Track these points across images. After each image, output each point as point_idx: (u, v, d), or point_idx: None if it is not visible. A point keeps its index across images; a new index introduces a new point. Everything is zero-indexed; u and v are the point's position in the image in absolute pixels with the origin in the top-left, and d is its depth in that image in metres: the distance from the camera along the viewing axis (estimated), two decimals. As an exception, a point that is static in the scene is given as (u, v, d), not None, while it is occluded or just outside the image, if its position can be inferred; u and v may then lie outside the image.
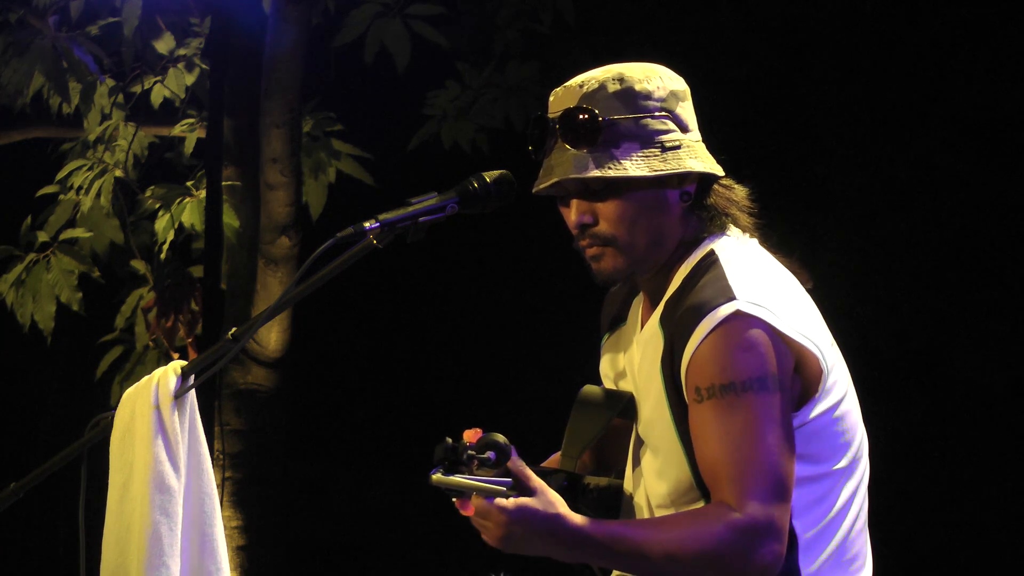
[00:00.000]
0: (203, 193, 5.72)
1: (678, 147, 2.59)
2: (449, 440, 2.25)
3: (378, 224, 2.54)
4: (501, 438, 2.26)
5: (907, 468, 7.17)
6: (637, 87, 2.60)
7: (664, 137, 2.58)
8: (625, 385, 2.72)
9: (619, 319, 2.79)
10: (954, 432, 7.36)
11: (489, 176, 2.62)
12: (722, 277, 2.53)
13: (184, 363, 2.71)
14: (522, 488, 2.33)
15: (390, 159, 6.37)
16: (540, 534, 2.33)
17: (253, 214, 5.74)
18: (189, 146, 6.11)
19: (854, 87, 7.52)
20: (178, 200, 5.86)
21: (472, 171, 2.69)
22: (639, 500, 2.65)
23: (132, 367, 6.02)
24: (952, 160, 7.43)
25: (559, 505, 2.34)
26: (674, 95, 2.62)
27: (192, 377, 2.69)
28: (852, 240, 7.50)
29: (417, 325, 8.31)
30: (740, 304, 2.47)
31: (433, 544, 8.07)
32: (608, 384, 2.79)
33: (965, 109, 7.41)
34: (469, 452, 2.24)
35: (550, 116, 2.63)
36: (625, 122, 2.57)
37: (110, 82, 6.15)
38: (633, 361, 2.67)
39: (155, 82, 6.18)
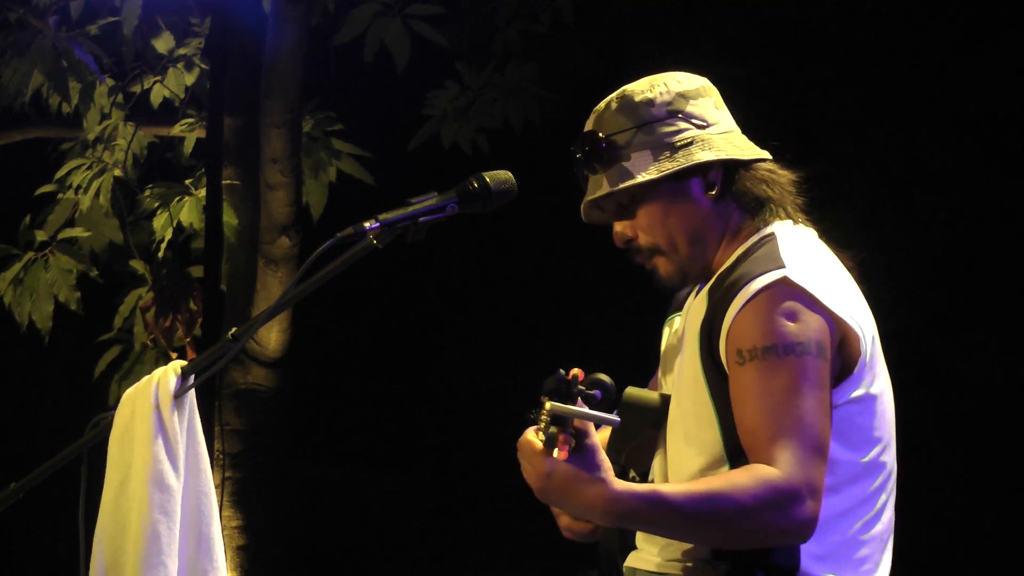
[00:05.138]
0: (202, 192, 5.72)
1: (690, 143, 2.62)
2: (562, 372, 2.28)
3: (378, 224, 2.55)
4: (607, 378, 2.31)
5: (906, 468, 7.15)
6: (638, 98, 2.65)
7: (675, 137, 2.63)
8: (669, 366, 2.73)
9: (677, 310, 2.81)
10: (954, 432, 7.36)
11: (489, 176, 2.63)
12: (775, 251, 2.57)
13: (184, 363, 2.71)
14: (578, 443, 2.34)
15: (390, 159, 6.36)
16: (577, 491, 2.34)
17: (253, 214, 5.73)
18: (188, 146, 6.11)
19: (854, 87, 7.52)
20: (177, 199, 5.86)
21: (472, 171, 2.69)
22: (664, 477, 2.66)
23: (130, 367, 6.02)
24: (952, 160, 7.43)
25: (604, 467, 2.35)
26: (681, 96, 2.67)
27: (192, 377, 2.70)
28: (852, 240, 7.49)
29: (417, 325, 8.31)
30: (788, 272, 2.51)
31: (433, 544, 8.07)
32: (660, 367, 2.80)
33: (965, 109, 7.41)
34: (579, 387, 2.28)
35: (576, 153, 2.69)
36: (629, 133, 2.62)
37: (110, 82, 6.14)
38: (678, 334, 2.70)
39: (155, 82, 6.18)
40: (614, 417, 2.30)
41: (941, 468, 7.31)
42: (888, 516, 2.67)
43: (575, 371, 2.31)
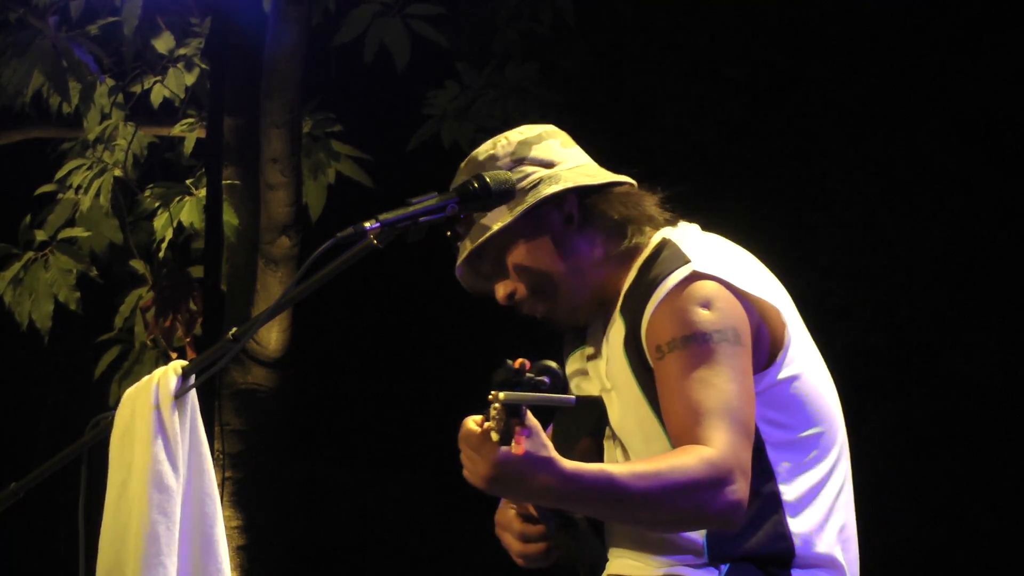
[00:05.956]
0: (202, 192, 5.72)
1: (538, 183, 2.64)
2: (509, 362, 2.29)
3: (378, 224, 2.55)
4: (555, 364, 2.32)
5: (907, 467, 7.16)
6: (481, 157, 2.69)
7: (523, 182, 2.64)
8: (590, 389, 2.75)
9: (579, 343, 2.82)
10: (954, 431, 7.36)
11: (489, 176, 2.63)
12: (677, 251, 2.60)
13: (184, 363, 2.71)
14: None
15: (390, 159, 6.36)
16: (531, 476, 2.31)
17: (253, 214, 5.73)
18: (188, 146, 6.10)
19: (854, 87, 7.52)
20: (177, 199, 5.86)
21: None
22: None
23: (130, 366, 6.01)
24: (952, 160, 7.43)
25: (550, 448, 2.34)
26: (524, 143, 2.69)
27: (192, 377, 2.69)
28: (851, 240, 7.50)
29: (417, 325, 8.31)
30: (695, 265, 2.55)
31: (433, 544, 8.07)
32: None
33: (965, 109, 7.41)
34: (528, 375, 2.30)
35: None
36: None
37: (110, 82, 6.14)
38: (599, 364, 2.70)
39: (155, 82, 6.17)
40: (568, 396, 2.30)
41: (941, 468, 7.31)
42: (850, 486, 2.69)
43: (521, 360, 2.31)
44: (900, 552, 7.06)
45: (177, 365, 2.71)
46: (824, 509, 2.60)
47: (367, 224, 2.54)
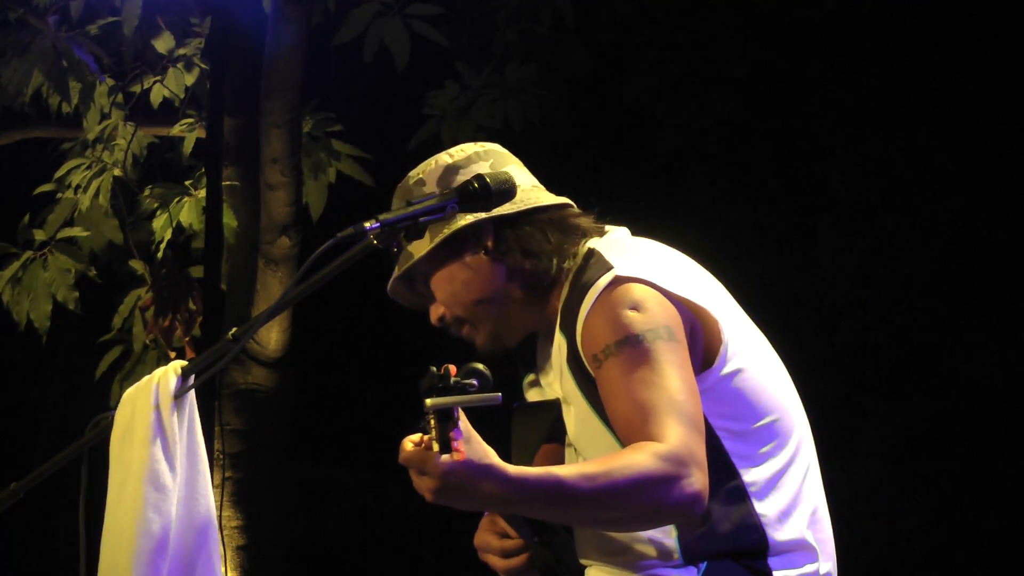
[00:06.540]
0: (202, 192, 5.72)
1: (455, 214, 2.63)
2: (434, 368, 2.28)
3: (378, 224, 2.55)
4: (481, 366, 2.30)
5: (907, 467, 7.16)
6: (411, 182, 2.73)
7: (444, 212, 2.62)
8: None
9: (529, 364, 2.82)
10: (954, 431, 7.36)
11: (489, 176, 2.62)
12: (600, 259, 2.60)
13: (184, 363, 2.71)
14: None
15: (390, 159, 6.36)
16: (475, 484, 2.30)
17: (253, 214, 5.73)
18: (188, 146, 6.10)
19: (854, 87, 7.52)
20: (176, 199, 5.85)
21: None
22: None
23: (132, 367, 6.01)
24: (952, 160, 7.43)
25: (492, 455, 2.32)
26: (451, 167, 2.70)
27: (192, 377, 2.69)
28: (852, 240, 7.50)
29: (417, 324, 8.30)
30: (618, 271, 2.54)
31: (433, 544, 8.07)
32: None
33: (965, 109, 7.41)
34: (455, 379, 2.28)
35: None
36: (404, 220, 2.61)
37: (110, 82, 6.14)
38: (554, 383, 2.70)
39: (155, 82, 6.17)
40: (494, 394, 2.27)
41: (941, 468, 7.31)
42: (816, 470, 2.68)
43: (446, 365, 2.30)
44: (900, 552, 7.06)
45: (177, 365, 2.71)
46: (791, 495, 2.59)
47: (367, 224, 2.54)
